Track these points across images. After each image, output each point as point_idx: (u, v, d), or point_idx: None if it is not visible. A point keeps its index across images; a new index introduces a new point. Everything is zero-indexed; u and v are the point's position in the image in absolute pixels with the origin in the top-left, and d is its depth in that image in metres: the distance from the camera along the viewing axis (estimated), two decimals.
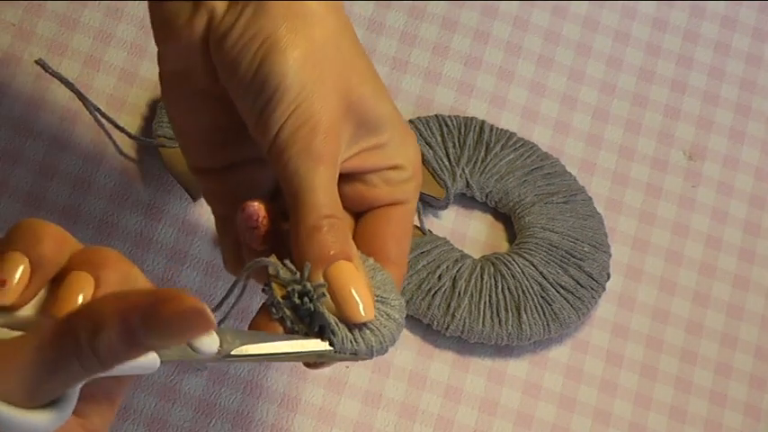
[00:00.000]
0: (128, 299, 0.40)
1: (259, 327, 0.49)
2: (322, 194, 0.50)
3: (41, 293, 0.44)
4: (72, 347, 0.41)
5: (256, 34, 0.50)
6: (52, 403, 0.42)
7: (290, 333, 0.49)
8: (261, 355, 0.47)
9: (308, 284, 0.48)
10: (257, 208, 0.51)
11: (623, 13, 0.79)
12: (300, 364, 0.68)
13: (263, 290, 0.49)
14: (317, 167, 0.50)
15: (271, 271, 0.49)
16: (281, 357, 0.48)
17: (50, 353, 0.41)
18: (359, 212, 0.55)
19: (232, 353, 0.46)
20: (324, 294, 0.48)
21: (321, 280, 0.48)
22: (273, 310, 0.48)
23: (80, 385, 0.42)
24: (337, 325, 0.48)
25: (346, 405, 0.69)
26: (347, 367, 0.69)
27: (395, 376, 0.69)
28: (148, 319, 0.40)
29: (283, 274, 0.49)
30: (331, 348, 0.48)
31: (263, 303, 0.49)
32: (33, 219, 0.45)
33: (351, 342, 0.48)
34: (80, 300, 0.43)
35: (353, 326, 0.49)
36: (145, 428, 0.67)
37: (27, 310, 0.44)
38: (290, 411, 0.68)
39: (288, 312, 0.48)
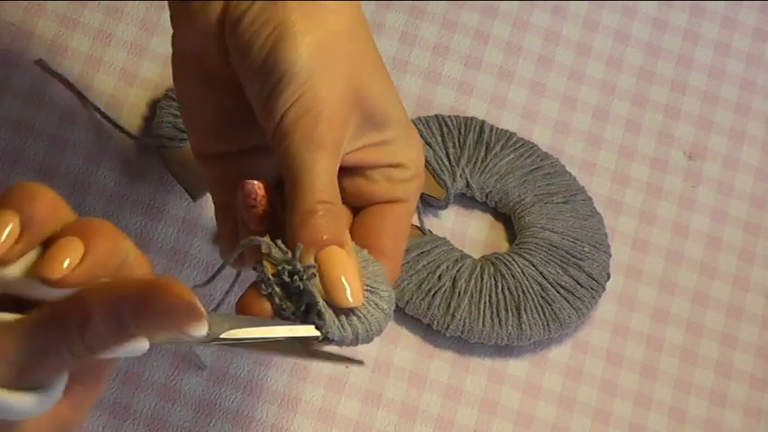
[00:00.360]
0: (118, 289, 0.41)
1: (247, 302, 0.49)
2: (320, 179, 0.50)
3: (31, 255, 0.44)
4: (62, 336, 0.41)
5: (270, 19, 0.51)
6: (41, 385, 0.42)
7: (278, 311, 0.49)
8: (249, 340, 0.47)
9: (299, 264, 0.48)
10: (257, 186, 0.52)
11: (623, 13, 0.79)
12: (301, 363, 0.69)
13: (254, 268, 0.50)
14: (317, 153, 0.50)
15: (263, 249, 0.49)
16: (270, 346, 0.48)
17: (40, 340, 0.41)
18: (358, 208, 0.55)
19: (221, 336, 0.46)
20: (314, 275, 0.48)
21: (312, 262, 0.49)
22: (263, 286, 0.49)
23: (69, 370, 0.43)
24: (325, 307, 0.48)
25: (346, 405, 0.69)
26: (347, 367, 0.69)
27: (395, 376, 0.70)
28: (138, 311, 0.40)
29: (275, 253, 0.49)
30: (318, 334, 0.48)
31: (254, 281, 0.50)
32: (32, 182, 0.45)
33: (337, 327, 0.49)
34: (66, 263, 0.43)
35: (340, 311, 0.49)
36: (145, 428, 0.67)
37: (14, 270, 0.44)
38: (290, 411, 0.68)
39: (277, 289, 0.49)
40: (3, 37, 0.74)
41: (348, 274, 0.49)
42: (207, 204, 0.71)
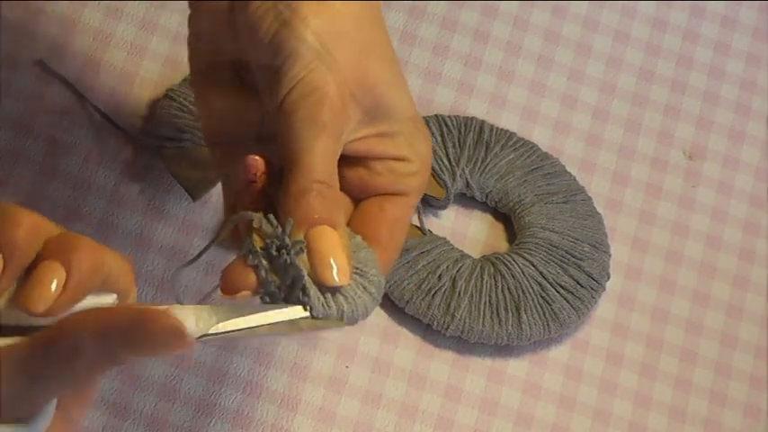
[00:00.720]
0: (106, 319, 0.40)
1: (233, 271, 0.49)
2: (318, 159, 0.50)
3: (15, 285, 0.43)
4: (50, 366, 0.41)
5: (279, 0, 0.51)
6: (29, 414, 0.42)
7: (263, 283, 0.49)
8: (237, 331, 0.47)
9: (288, 239, 0.48)
10: (258, 162, 0.52)
11: (623, 12, 0.79)
12: (301, 363, 0.69)
13: (244, 240, 0.50)
14: (318, 135, 0.50)
15: (255, 223, 0.49)
16: (257, 330, 0.48)
17: (29, 371, 0.41)
18: (359, 199, 0.55)
19: (210, 332, 0.46)
20: (302, 250, 0.48)
21: (301, 239, 0.49)
22: (250, 256, 0.49)
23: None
24: (310, 283, 0.48)
25: (346, 405, 0.69)
26: (347, 367, 0.69)
27: (395, 376, 0.69)
28: (128, 341, 0.40)
29: (266, 227, 0.49)
30: (307, 314, 0.48)
31: (241, 252, 0.50)
32: (7, 204, 0.44)
33: (322, 304, 0.49)
34: (49, 293, 0.42)
35: (326, 289, 0.49)
36: (145, 428, 0.67)
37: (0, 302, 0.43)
38: (290, 411, 0.68)
39: (264, 262, 0.49)
40: (3, 37, 0.74)
41: (336, 254, 0.49)
42: (207, 204, 0.71)
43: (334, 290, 0.49)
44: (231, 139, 0.56)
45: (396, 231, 0.54)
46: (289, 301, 0.49)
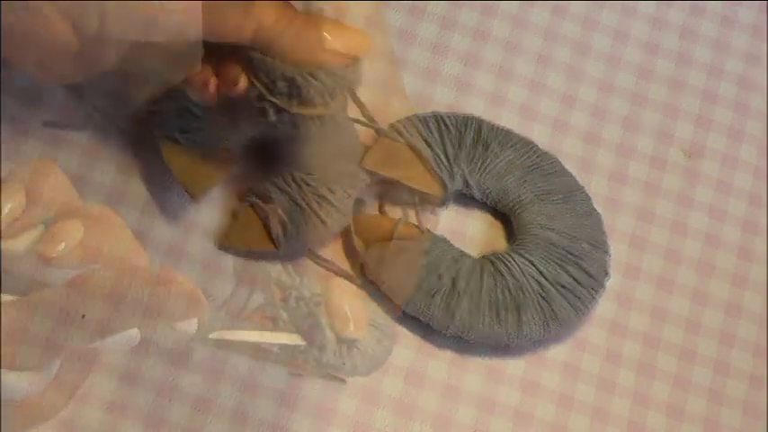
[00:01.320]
0: (120, 278, 0.41)
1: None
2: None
3: (36, 233, 0.45)
4: (61, 321, 0.42)
5: (297, 50, 0.52)
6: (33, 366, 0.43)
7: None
8: (235, 342, 0.48)
9: (306, 291, 0.49)
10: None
11: (623, 12, 0.79)
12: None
13: (263, 290, 0.50)
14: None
15: (273, 274, 0.50)
16: (262, 355, 0.49)
17: (39, 323, 0.42)
18: (374, 242, 0.56)
19: (210, 336, 0.47)
20: (320, 303, 0.49)
21: (318, 291, 0.49)
22: (268, 308, 0.49)
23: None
24: (330, 333, 0.49)
25: (345, 404, 0.69)
26: (344, 364, 0.69)
27: (394, 375, 0.69)
28: (143, 302, 0.41)
29: (285, 278, 0.50)
30: (301, 342, 0.49)
31: (260, 304, 0.50)
32: (49, 161, 0.47)
33: (338, 355, 0.49)
34: (64, 244, 0.45)
35: (343, 341, 0.49)
36: (142, 426, 0.67)
37: (19, 245, 0.45)
38: (288, 410, 0.68)
39: (283, 314, 0.49)
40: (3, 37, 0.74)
41: (353, 306, 0.50)
42: (205, 203, 0.72)
43: (350, 341, 0.50)
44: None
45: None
46: (307, 352, 0.49)
